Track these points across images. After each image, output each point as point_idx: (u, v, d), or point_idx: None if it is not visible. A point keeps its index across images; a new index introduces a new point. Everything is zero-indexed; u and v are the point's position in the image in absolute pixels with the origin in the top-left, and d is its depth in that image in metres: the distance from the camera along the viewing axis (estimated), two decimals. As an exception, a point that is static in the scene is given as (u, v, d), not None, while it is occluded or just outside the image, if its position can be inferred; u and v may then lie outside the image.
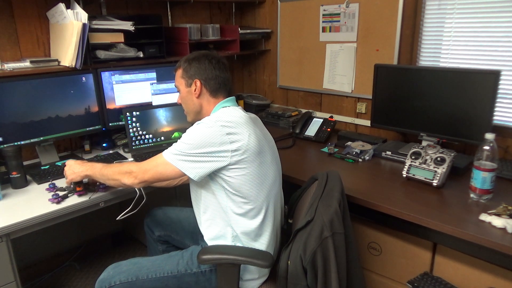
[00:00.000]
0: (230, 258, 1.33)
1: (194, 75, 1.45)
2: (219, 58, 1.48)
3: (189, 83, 1.46)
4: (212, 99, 1.47)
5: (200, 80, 1.44)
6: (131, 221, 2.52)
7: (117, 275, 1.43)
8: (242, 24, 2.91)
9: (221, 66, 1.47)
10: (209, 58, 1.45)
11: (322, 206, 1.29)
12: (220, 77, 1.45)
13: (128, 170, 1.41)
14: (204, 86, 1.45)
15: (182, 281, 1.42)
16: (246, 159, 1.33)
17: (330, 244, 1.22)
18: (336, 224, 1.24)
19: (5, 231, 1.39)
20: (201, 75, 1.44)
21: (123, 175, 1.42)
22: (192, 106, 1.49)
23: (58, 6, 1.89)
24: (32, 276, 2.22)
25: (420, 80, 1.92)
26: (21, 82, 1.82)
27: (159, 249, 1.81)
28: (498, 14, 1.83)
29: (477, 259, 1.41)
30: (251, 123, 1.39)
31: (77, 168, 1.55)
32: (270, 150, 1.45)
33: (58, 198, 1.54)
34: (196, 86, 1.44)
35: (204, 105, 1.48)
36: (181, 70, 1.48)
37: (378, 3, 2.16)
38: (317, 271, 1.22)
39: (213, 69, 1.44)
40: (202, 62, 1.45)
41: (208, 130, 1.32)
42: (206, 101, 1.47)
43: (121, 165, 1.48)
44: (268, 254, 1.35)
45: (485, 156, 1.49)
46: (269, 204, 1.41)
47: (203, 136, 1.31)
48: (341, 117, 2.49)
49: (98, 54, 2.04)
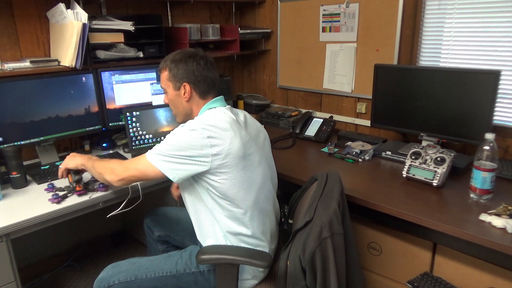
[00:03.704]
0: (229, 258, 1.33)
1: (182, 78, 1.41)
2: (207, 58, 1.44)
3: (177, 86, 1.43)
4: (201, 101, 1.45)
5: (189, 84, 1.41)
6: (131, 221, 2.54)
7: (115, 274, 1.43)
8: (242, 24, 2.91)
9: (209, 66, 1.43)
10: (196, 59, 1.41)
11: (321, 206, 1.29)
12: (209, 78, 1.42)
13: (111, 167, 1.43)
14: (193, 89, 1.42)
15: (181, 280, 1.42)
16: (228, 163, 1.31)
17: (329, 245, 1.22)
18: (335, 225, 1.24)
19: (5, 231, 1.39)
20: (190, 77, 1.40)
21: (106, 170, 1.43)
22: (181, 109, 1.48)
23: (58, 6, 1.89)
24: (32, 276, 2.22)
25: (420, 80, 1.92)
26: (21, 82, 1.82)
27: (159, 249, 1.81)
28: (498, 14, 1.83)
29: (477, 259, 1.41)
30: (236, 125, 1.36)
31: (78, 158, 1.58)
32: (259, 152, 1.42)
33: (58, 198, 1.54)
34: (186, 90, 1.41)
35: (193, 108, 1.46)
36: (167, 72, 1.43)
37: (378, 3, 2.16)
38: (316, 272, 1.22)
39: (202, 70, 1.41)
40: (189, 64, 1.40)
41: (189, 134, 1.31)
42: (195, 104, 1.45)
43: (109, 161, 1.49)
44: (266, 254, 1.35)
45: (485, 156, 1.49)
46: (258, 207, 1.40)
47: (184, 139, 1.30)
48: (341, 117, 2.49)
49: (98, 54, 2.04)
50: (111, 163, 1.46)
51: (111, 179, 1.42)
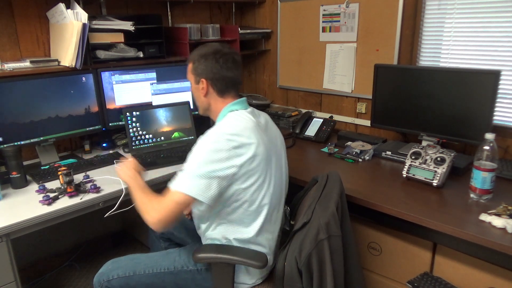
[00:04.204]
0: (224, 257, 1.33)
1: (201, 73, 1.40)
2: (228, 56, 1.40)
3: (197, 80, 1.42)
4: (219, 99, 1.43)
5: (206, 80, 1.40)
6: (131, 221, 2.54)
7: (115, 269, 1.44)
8: (242, 24, 2.91)
9: (230, 65, 1.39)
10: (216, 56, 1.38)
11: (319, 208, 1.29)
12: (227, 77, 1.39)
13: (151, 208, 1.30)
14: (211, 86, 1.41)
15: (178, 277, 1.43)
16: (252, 170, 1.30)
17: (325, 247, 1.21)
18: (332, 227, 1.23)
19: (5, 231, 1.39)
20: (208, 74, 1.39)
21: (146, 211, 1.30)
22: (200, 103, 1.47)
23: (58, 6, 1.89)
24: (32, 276, 2.22)
25: (420, 80, 1.92)
26: (21, 82, 1.82)
27: (161, 246, 1.81)
28: (498, 14, 1.82)
29: (477, 259, 1.41)
30: (259, 130, 1.35)
31: (130, 172, 1.47)
32: (276, 155, 1.42)
33: (49, 199, 1.53)
34: (203, 85, 1.41)
35: (212, 103, 1.44)
36: (191, 64, 1.44)
37: (378, 3, 2.16)
38: (312, 274, 1.22)
39: (220, 68, 1.38)
40: (209, 60, 1.38)
41: (213, 146, 1.27)
42: (213, 100, 1.44)
43: (149, 199, 1.33)
44: (262, 255, 1.34)
45: (485, 156, 1.49)
46: (269, 210, 1.39)
47: (208, 153, 1.26)
48: (341, 117, 2.49)
49: (98, 54, 2.04)
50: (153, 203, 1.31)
51: (150, 223, 1.29)
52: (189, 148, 2.10)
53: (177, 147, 2.12)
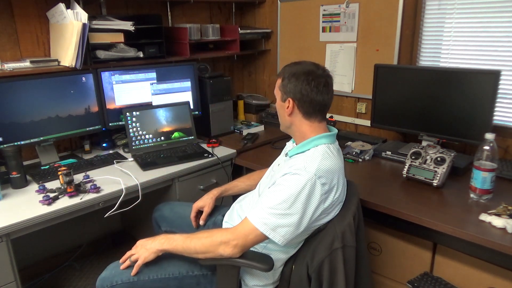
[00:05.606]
0: (229, 260, 1.32)
1: (289, 92, 1.33)
2: (321, 79, 1.32)
3: (284, 98, 1.36)
4: (305, 121, 1.36)
5: (293, 100, 1.33)
6: (131, 221, 2.53)
7: (118, 275, 1.43)
8: (242, 24, 2.91)
9: (321, 88, 1.31)
10: (308, 78, 1.31)
11: (336, 216, 1.29)
12: (316, 101, 1.32)
13: (223, 240, 1.26)
14: (297, 107, 1.34)
15: (183, 282, 1.42)
16: (329, 209, 1.29)
17: (339, 256, 1.20)
18: (348, 237, 1.22)
19: (5, 231, 1.39)
20: (296, 95, 1.32)
21: (217, 246, 1.26)
22: (283, 120, 1.42)
23: (58, 6, 1.89)
24: (32, 276, 2.22)
25: (420, 80, 1.92)
26: (21, 82, 1.82)
27: None
28: (498, 14, 1.83)
29: (477, 259, 1.41)
30: (341, 169, 1.33)
31: (148, 244, 1.38)
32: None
33: (49, 199, 1.54)
34: (289, 104, 1.35)
35: (295, 123, 1.39)
36: (280, 81, 1.37)
37: (378, 3, 2.16)
38: (322, 281, 1.21)
39: (310, 91, 1.30)
40: (300, 81, 1.31)
41: (308, 189, 1.21)
42: (298, 121, 1.38)
43: (209, 234, 1.30)
44: (268, 257, 1.32)
45: (485, 156, 1.49)
46: None
47: (301, 195, 1.21)
48: (341, 117, 2.49)
49: (98, 54, 2.04)
50: (217, 237, 1.27)
51: (232, 253, 1.25)
52: (189, 148, 2.13)
53: (177, 147, 2.12)
